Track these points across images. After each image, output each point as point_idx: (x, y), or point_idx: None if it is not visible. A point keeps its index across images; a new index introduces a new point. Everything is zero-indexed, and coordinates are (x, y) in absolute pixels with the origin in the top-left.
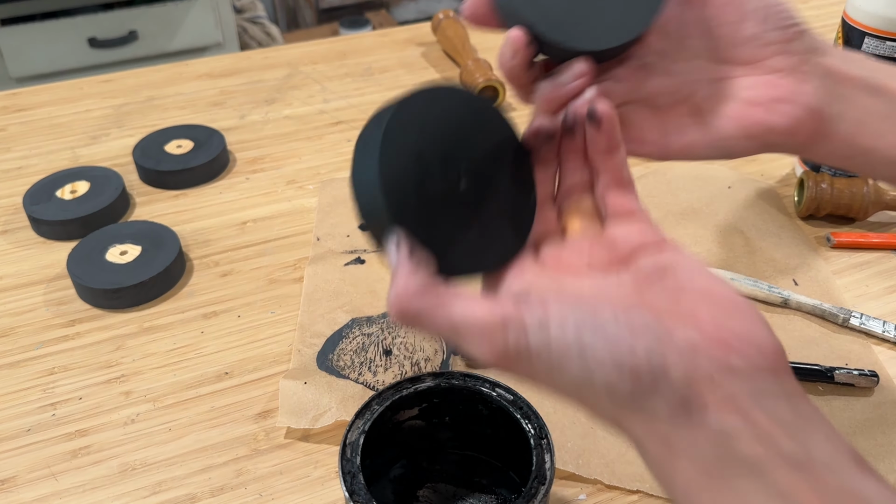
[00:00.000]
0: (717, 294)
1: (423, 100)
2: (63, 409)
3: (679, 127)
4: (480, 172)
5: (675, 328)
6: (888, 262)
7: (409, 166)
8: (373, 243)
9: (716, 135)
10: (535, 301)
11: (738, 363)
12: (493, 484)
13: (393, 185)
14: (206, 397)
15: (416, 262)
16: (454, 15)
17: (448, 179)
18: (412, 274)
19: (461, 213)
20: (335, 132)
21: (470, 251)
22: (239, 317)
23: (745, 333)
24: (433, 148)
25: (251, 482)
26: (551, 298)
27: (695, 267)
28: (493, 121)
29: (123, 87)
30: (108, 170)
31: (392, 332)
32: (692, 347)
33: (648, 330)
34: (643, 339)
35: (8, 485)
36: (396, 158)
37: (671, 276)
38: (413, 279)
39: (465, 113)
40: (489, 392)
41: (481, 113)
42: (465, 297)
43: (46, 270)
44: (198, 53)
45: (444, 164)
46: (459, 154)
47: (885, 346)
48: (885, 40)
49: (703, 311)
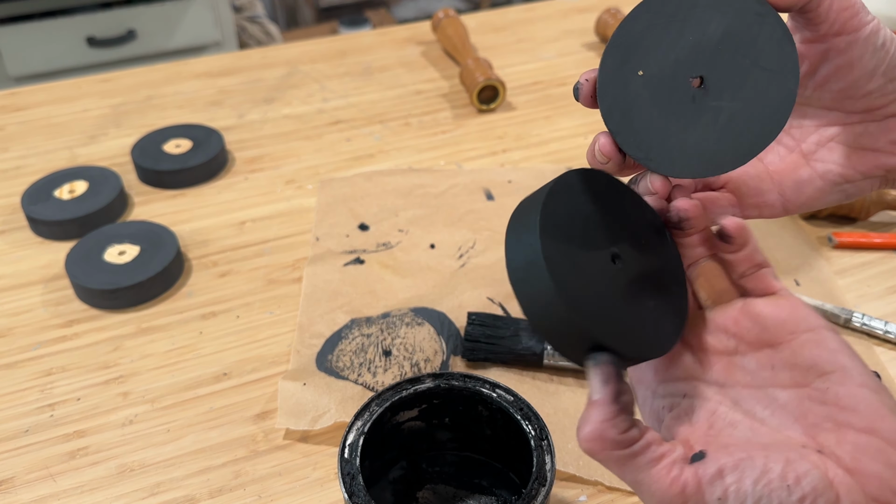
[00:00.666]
0: (882, 434)
1: (567, 191)
2: (61, 410)
3: (797, 183)
4: (633, 255)
5: (842, 492)
6: (890, 262)
7: (574, 269)
8: (552, 347)
9: (835, 182)
10: (714, 474)
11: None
12: (493, 485)
13: (578, 300)
14: (204, 398)
15: (619, 407)
16: (454, 14)
17: (606, 265)
18: (611, 420)
19: (626, 298)
20: (334, 131)
21: (637, 336)
22: (238, 317)
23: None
24: (588, 235)
25: (250, 483)
26: (727, 466)
27: (856, 383)
28: (632, 202)
29: (122, 86)
30: (107, 170)
31: (391, 333)
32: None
33: (818, 497)
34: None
35: (6, 486)
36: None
37: (833, 401)
38: (612, 428)
39: (607, 197)
40: (489, 393)
41: (622, 195)
42: (656, 462)
43: (44, 270)
44: (196, 52)
45: (598, 250)
46: (612, 239)
47: (886, 347)
48: None
49: (867, 464)
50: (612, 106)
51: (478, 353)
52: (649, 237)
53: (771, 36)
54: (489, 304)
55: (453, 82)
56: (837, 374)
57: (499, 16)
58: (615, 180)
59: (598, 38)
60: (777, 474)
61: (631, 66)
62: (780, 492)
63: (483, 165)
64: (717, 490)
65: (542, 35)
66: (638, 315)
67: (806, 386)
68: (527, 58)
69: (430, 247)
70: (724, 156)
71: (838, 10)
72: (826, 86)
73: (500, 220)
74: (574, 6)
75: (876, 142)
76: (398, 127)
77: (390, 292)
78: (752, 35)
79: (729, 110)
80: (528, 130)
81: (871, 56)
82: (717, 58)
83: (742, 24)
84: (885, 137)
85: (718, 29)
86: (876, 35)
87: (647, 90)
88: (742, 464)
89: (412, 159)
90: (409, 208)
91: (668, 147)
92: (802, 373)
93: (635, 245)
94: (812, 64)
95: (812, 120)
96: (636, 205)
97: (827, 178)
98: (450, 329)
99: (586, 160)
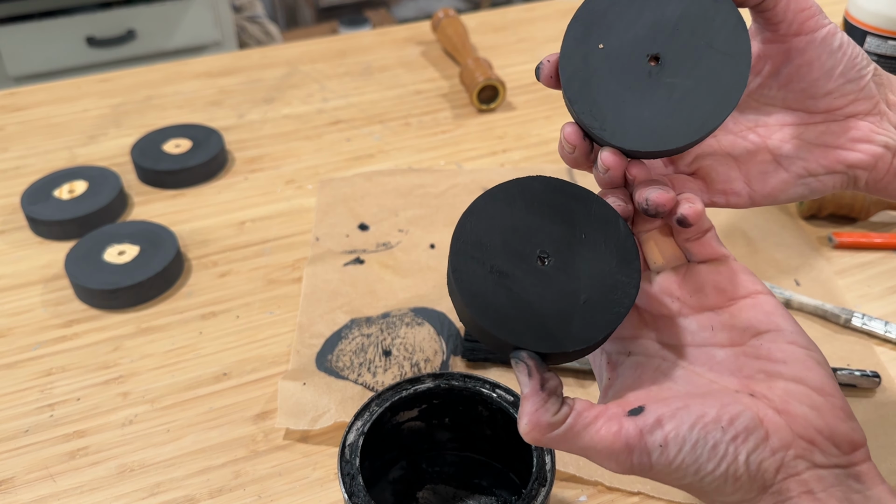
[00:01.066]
0: (808, 382)
1: (498, 196)
2: (61, 410)
3: (762, 174)
4: (569, 252)
5: (771, 429)
6: (890, 262)
7: (482, 271)
8: (489, 348)
9: (799, 174)
10: (653, 423)
11: (819, 459)
12: (493, 485)
13: (489, 310)
14: (204, 398)
15: (546, 393)
16: (454, 13)
17: (530, 268)
18: (542, 408)
19: (550, 296)
20: (334, 131)
21: (559, 331)
22: (237, 317)
23: (828, 430)
24: (505, 237)
25: (250, 483)
26: (665, 415)
27: (787, 340)
28: (577, 199)
29: (121, 86)
30: (106, 169)
31: (391, 333)
32: (784, 446)
33: (750, 435)
34: (745, 446)
35: (6, 486)
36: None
37: (765, 355)
38: (544, 413)
39: (543, 201)
40: (489, 393)
41: (563, 195)
42: (591, 425)
43: (44, 271)
44: (196, 52)
45: (522, 255)
46: (538, 237)
47: (886, 347)
48: (886, 39)
49: (794, 406)
50: (572, 77)
51: (478, 353)
52: (598, 232)
53: (725, 21)
54: None
55: (453, 82)
56: (771, 334)
57: (499, 16)
58: (560, 182)
59: None
60: (712, 417)
61: (592, 39)
62: (715, 432)
63: (483, 165)
64: (658, 437)
65: (542, 35)
66: (562, 311)
67: (742, 345)
68: (527, 58)
69: (430, 247)
70: (675, 131)
71: (795, 11)
72: (789, 86)
73: None
74: (574, 6)
75: (837, 139)
76: (398, 127)
77: (390, 292)
78: (707, 19)
79: (682, 87)
80: (528, 130)
81: (828, 56)
82: (674, 37)
83: (699, 8)
84: (845, 135)
85: (676, 11)
86: (833, 37)
87: (606, 64)
88: (679, 412)
89: (412, 159)
90: (409, 208)
91: (623, 119)
92: (739, 333)
93: (573, 241)
94: (774, 65)
95: (777, 119)
96: (581, 200)
97: (791, 170)
98: (450, 329)
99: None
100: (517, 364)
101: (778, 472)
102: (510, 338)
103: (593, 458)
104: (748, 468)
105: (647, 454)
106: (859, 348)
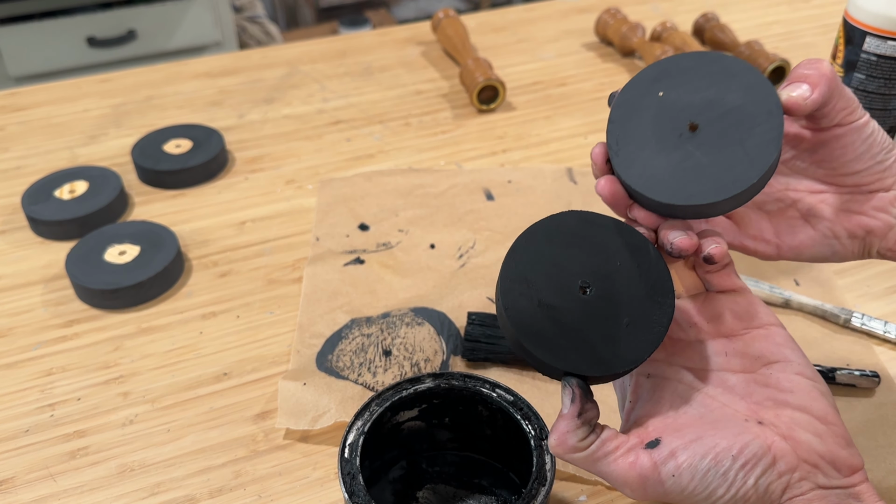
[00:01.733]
0: (812, 412)
1: (537, 234)
2: (61, 410)
3: (791, 228)
4: (607, 281)
5: (778, 454)
6: (889, 262)
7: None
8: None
9: (825, 234)
10: (667, 455)
11: (822, 481)
12: (493, 485)
13: (541, 340)
14: (204, 398)
15: (581, 421)
16: (454, 14)
17: (573, 296)
18: (572, 431)
19: (594, 322)
20: (334, 131)
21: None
22: (238, 317)
23: (830, 455)
24: (548, 271)
25: (250, 483)
26: (679, 447)
27: (794, 371)
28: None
29: (122, 86)
30: (107, 170)
31: (391, 333)
32: (790, 469)
33: (758, 462)
34: (754, 472)
35: (6, 486)
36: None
37: (774, 384)
38: (572, 438)
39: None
40: (489, 393)
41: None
42: (611, 454)
43: (45, 270)
44: (196, 53)
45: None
46: (578, 269)
47: (886, 347)
48: (886, 39)
49: (799, 433)
50: (623, 103)
51: (478, 353)
52: (631, 259)
53: (765, 133)
54: (489, 304)
55: (453, 82)
56: (780, 364)
57: (499, 16)
58: (592, 215)
59: (598, 39)
60: (724, 447)
61: (658, 86)
62: (726, 461)
63: (483, 165)
64: (671, 467)
65: (542, 35)
66: (607, 335)
67: (753, 372)
68: (527, 58)
69: (430, 247)
70: (690, 192)
71: (839, 110)
72: (821, 163)
73: (500, 221)
74: (574, 6)
75: (861, 207)
76: (398, 127)
77: (390, 292)
78: (754, 121)
79: (698, 160)
80: (528, 130)
81: (861, 143)
82: (719, 119)
83: (754, 108)
84: (869, 205)
85: (736, 100)
86: (866, 126)
87: (654, 107)
88: (692, 444)
89: (412, 159)
90: (409, 208)
91: (638, 160)
92: (751, 361)
93: (611, 270)
94: (811, 143)
95: (806, 185)
96: (613, 230)
97: (818, 228)
98: (450, 329)
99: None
100: (565, 388)
101: (784, 492)
102: (565, 365)
103: (610, 482)
104: (757, 490)
105: (660, 484)
106: (859, 348)
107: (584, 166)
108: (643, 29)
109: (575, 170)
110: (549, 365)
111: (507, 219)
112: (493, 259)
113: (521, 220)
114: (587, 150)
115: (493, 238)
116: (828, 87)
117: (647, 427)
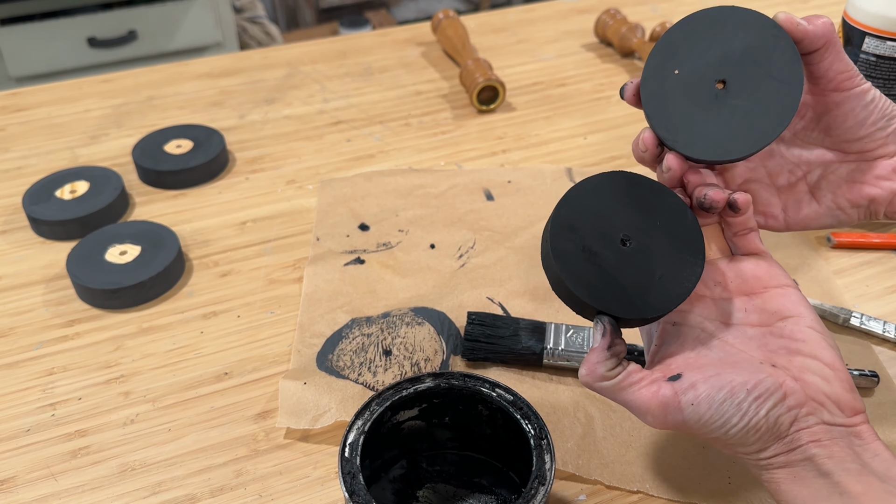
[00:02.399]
0: (821, 359)
1: (587, 188)
2: (62, 410)
3: (797, 203)
4: (647, 236)
5: (788, 391)
6: (888, 262)
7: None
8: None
9: (829, 206)
10: (687, 385)
11: (827, 417)
12: (493, 484)
13: (581, 280)
14: (205, 398)
15: (610, 353)
16: (454, 14)
17: (615, 247)
18: (602, 362)
19: (630, 271)
20: (335, 132)
21: (637, 301)
22: (238, 317)
23: (835, 396)
24: (593, 222)
25: (251, 482)
26: (699, 380)
27: (806, 324)
28: (655, 193)
29: (123, 86)
30: (108, 170)
31: (392, 333)
32: (799, 405)
33: (770, 395)
34: (766, 404)
35: (7, 485)
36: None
37: (788, 335)
38: (601, 368)
39: (627, 192)
40: (489, 392)
41: (644, 189)
42: (636, 384)
43: (46, 270)
44: (197, 53)
45: (608, 236)
46: (621, 223)
47: (885, 347)
48: (885, 40)
49: (808, 376)
50: (651, 97)
51: (478, 352)
52: (670, 220)
53: (783, 53)
54: (489, 303)
55: (453, 83)
56: (794, 319)
57: (498, 17)
58: (638, 177)
59: (598, 39)
60: (739, 382)
61: (669, 66)
62: (741, 393)
63: (483, 165)
64: (690, 397)
65: (541, 36)
66: (641, 284)
67: (769, 325)
68: (526, 58)
69: (430, 247)
70: (736, 143)
71: (836, 72)
72: (828, 131)
73: (500, 220)
74: (574, 7)
75: (864, 176)
76: (398, 127)
77: (390, 292)
78: (767, 51)
79: (744, 109)
80: (528, 131)
81: (861, 109)
82: (739, 66)
83: (760, 41)
84: (872, 173)
85: (742, 44)
86: (866, 94)
87: (679, 86)
88: (711, 379)
89: (412, 159)
90: (409, 208)
91: (692, 133)
92: (768, 316)
93: (651, 228)
94: (816, 112)
95: (817, 155)
96: (657, 193)
97: (822, 202)
98: (450, 329)
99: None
100: (597, 324)
101: (792, 425)
102: (600, 305)
103: (634, 411)
104: (768, 421)
105: (679, 411)
106: (858, 348)
107: (583, 166)
108: (643, 29)
109: (574, 170)
110: (586, 303)
111: (507, 219)
112: (493, 259)
113: (521, 220)
114: (587, 150)
115: (492, 238)
116: (824, 30)
117: (669, 365)
